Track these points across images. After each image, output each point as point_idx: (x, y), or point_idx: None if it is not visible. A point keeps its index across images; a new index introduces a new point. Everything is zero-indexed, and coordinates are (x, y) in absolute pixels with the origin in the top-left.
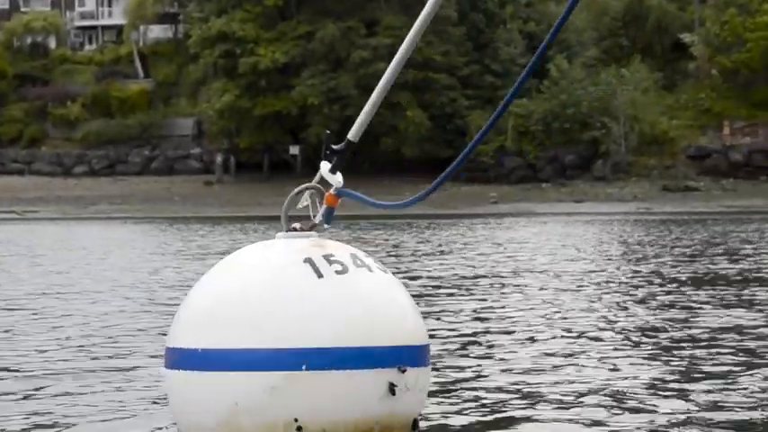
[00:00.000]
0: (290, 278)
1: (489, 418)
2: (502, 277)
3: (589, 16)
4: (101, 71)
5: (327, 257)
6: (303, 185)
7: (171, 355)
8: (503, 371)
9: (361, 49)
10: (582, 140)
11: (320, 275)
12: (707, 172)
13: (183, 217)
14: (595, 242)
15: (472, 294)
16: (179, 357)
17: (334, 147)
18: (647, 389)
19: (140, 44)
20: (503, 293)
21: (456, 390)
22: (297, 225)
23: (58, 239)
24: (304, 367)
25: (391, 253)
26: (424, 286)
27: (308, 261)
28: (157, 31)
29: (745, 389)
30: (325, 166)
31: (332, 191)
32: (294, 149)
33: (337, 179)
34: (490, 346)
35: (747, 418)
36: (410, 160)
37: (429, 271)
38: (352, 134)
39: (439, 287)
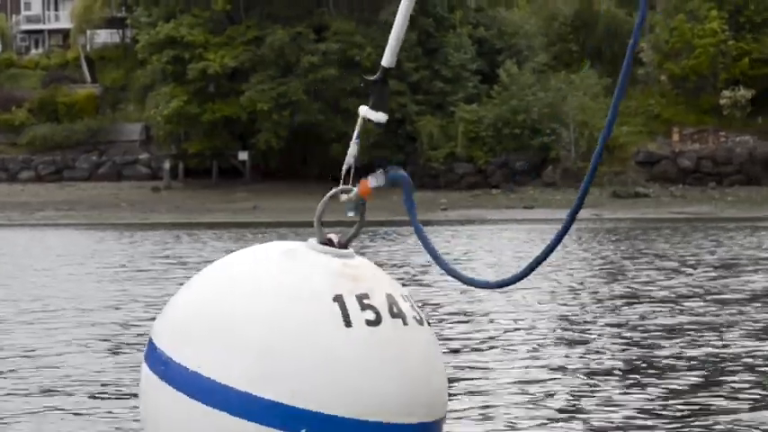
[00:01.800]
0: (312, 320)
1: None
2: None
3: (539, 21)
4: (47, 76)
5: (361, 299)
6: (339, 188)
7: (161, 362)
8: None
9: (310, 54)
10: (532, 146)
11: (348, 323)
12: (656, 178)
13: (129, 224)
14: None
15: None
16: (173, 372)
17: (369, 77)
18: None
19: (87, 49)
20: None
21: None
22: (333, 236)
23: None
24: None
25: None
26: None
27: (338, 300)
28: (105, 36)
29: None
30: (363, 108)
31: (371, 182)
32: (243, 155)
33: (380, 117)
34: None
35: None
36: (361, 166)
37: None
38: (386, 60)
39: None
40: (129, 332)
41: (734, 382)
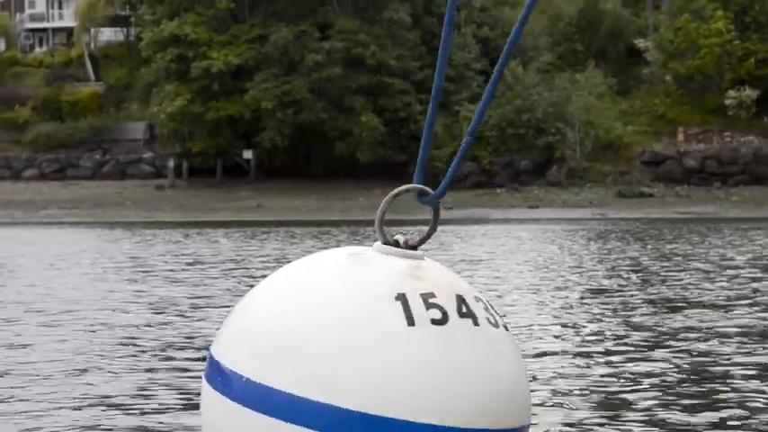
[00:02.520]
0: (371, 318)
1: None
2: None
3: (544, 21)
4: (51, 74)
5: (426, 297)
6: (406, 186)
7: (225, 379)
8: None
9: (314, 52)
10: (537, 146)
11: (411, 322)
12: (661, 178)
13: (133, 222)
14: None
15: None
16: (240, 389)
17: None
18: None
19: (91, 47)
20: None
21: None
22: (399, 237)
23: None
24: None
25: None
26: None
27: (401, 299)
28: (108, 34)
29: None
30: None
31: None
32: (247, 154)
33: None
34: None
35: None
36: (364, 165)
37: None
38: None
39: None
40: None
41: None
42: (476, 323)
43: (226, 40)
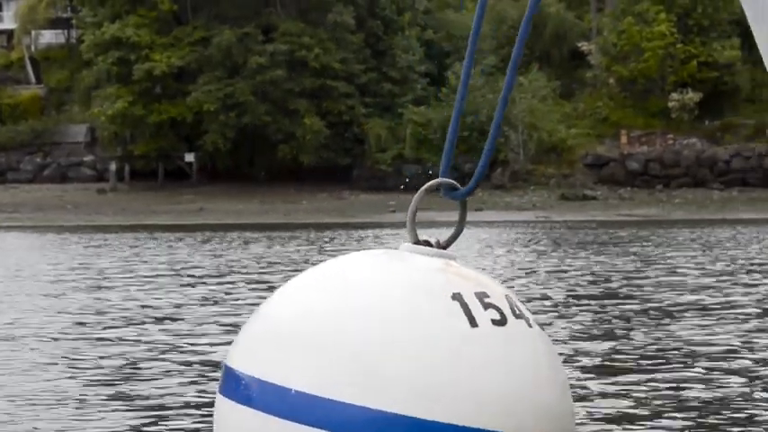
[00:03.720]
0: (434, 319)
1: None
2: None
3: (487, 24)
4: None
5: (481, 297)
6: (437, 180)
7: (245, 385)
8: None
9: (258, 55)
10: (481, 148)
11: (474, 324)
12: (604, 181)
13: (77, 225)
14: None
15: None
16: (272, 397)
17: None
18: None
19: (32, 49)
20: None
21: None
22: (429, 239)
23: None
24: None
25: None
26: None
27: (458, 298)
28: (49, 37)
29: None
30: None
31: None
32: (189, 157)
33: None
34: None
35: None
36: (308, 168)
37: None
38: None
39: None
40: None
41: None
42: (529, 325)
43: (168, 43)
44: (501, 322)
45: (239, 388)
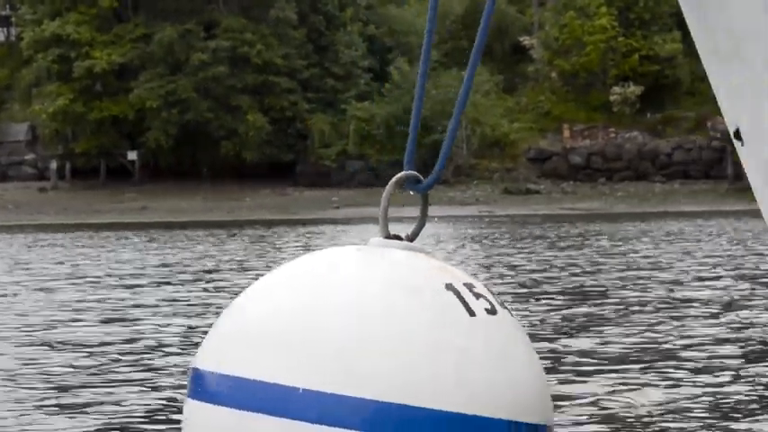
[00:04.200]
0: (437, 311)
1: None
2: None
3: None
4: None
5: (469, 287)
6: (405, 172)
7: (219, 384)
8: None
9: (200, 51)
10: (424, 144)
11: (472, 313)
12: (547, 175)
13: (18, 225)
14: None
15: None
16: (244, 392)
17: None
18: None
19: None
20: None
21: None
22: (399, 234)
23: None
24: None
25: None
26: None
27: (451, 289)
28: None
29: None
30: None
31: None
32: (132, 155)
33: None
34: None
35: None
36: (251, 165)
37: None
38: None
39: None
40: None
41: None
42: (511, 314)
43: (109, 40)
44: (492, 311)
45: (212, 388)
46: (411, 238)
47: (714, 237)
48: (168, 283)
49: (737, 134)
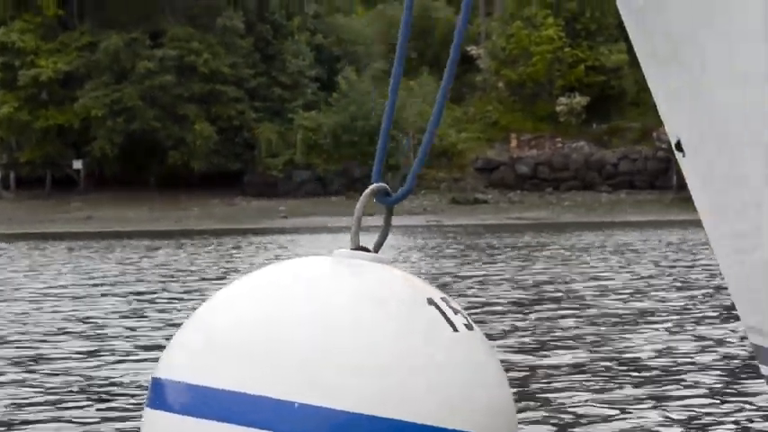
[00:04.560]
0: (403, 322)
1: None
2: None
3: (377, 29)
4: None
5: (447, 302)
6: (377, 185)
7: (180, 393)
8: None
9: (146, 60)
10: (371, 153)
11: (455, 329)
12: (495, 184)
13: None
14: None
15: None
16: (208, 401)
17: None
18: None
19: None
20: None
21: None
22: (365, 245)
23: None
24: None
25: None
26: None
27: (433, 304)
28: None
29: None
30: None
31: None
32: (77, 164)
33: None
34: None
35: None
36: (198, 174)
37: None
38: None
39: None
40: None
41: None
42: (480, 329)
43: (54, 48)
44: (470, 327)
45: (173, 398)
46: (375, 250)
47: (658, 246)
48: (114, 294)
49: (678, 145)
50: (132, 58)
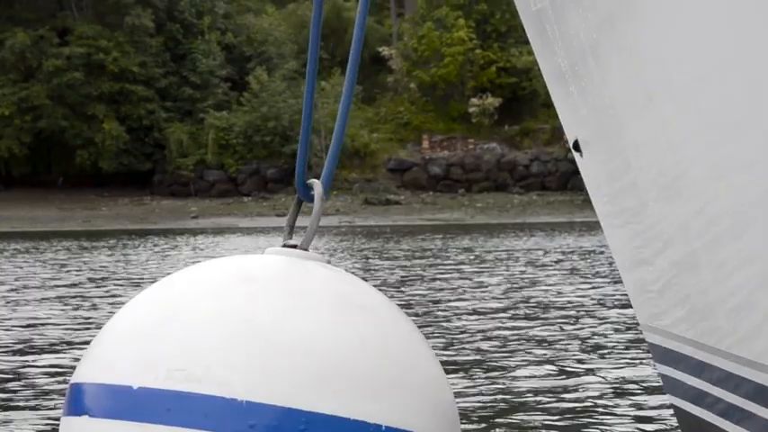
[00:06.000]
0: (354, 319)
1: None
2: None
3: (288, 29)
4: None
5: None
6: (312, 180)
7: (98, 396)
8: None
9: (53, 58)
10: (283, 153)
11: (407, 323)
12: (407, 185)
13: None
14: None
15: None
16: (117, 397)
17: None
18: None
19: None
20: None
21: None
22: (294, 242)
23: None
24: None
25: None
26: None
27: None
28: None
29: None
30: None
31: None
32: None
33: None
34: None
35: None
36: (108, 174)
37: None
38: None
39: None
40: None
41: None
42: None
43: None
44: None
45: (91, 401)
46: (305, 247)
47: (566, 247)
48: (25, 302)
49: (576, 145)
50: (39, 55)
